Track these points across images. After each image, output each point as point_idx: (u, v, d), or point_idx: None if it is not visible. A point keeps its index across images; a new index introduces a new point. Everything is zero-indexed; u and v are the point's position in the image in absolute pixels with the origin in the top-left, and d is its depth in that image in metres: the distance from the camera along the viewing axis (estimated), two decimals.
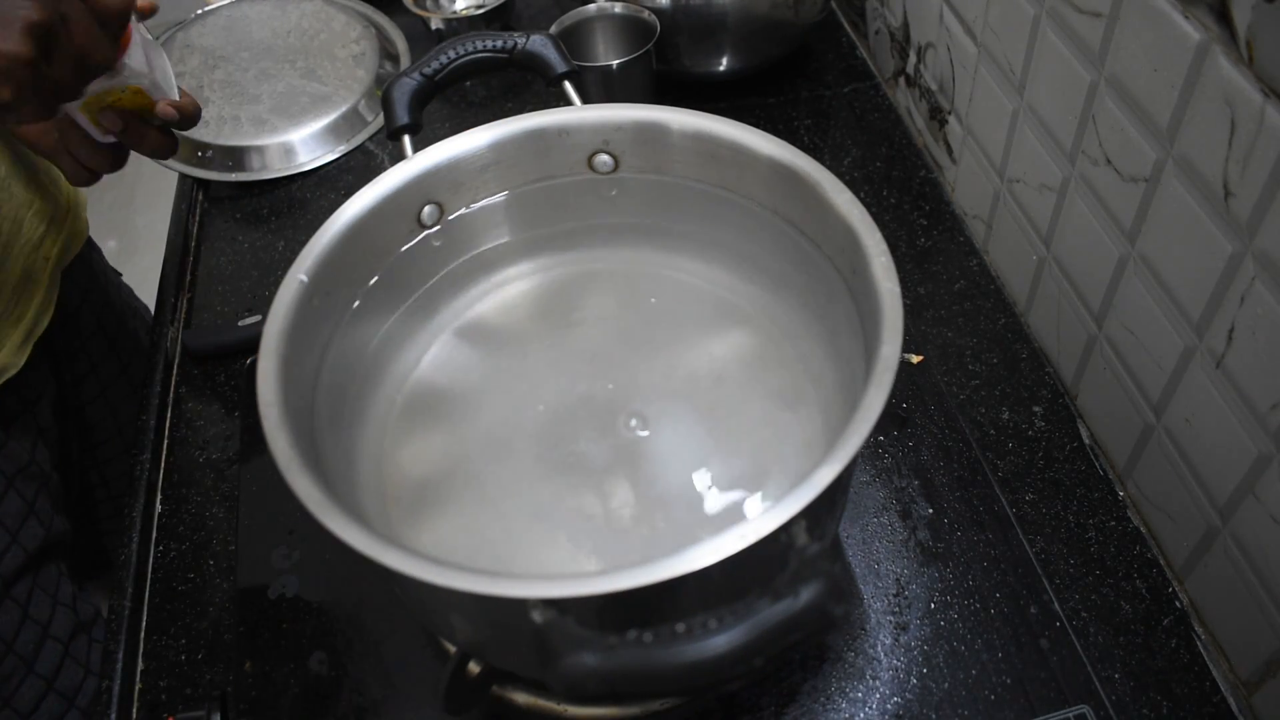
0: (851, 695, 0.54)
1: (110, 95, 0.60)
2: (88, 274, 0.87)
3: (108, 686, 0.58)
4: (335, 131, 0.91)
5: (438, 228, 0.58)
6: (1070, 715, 0.53)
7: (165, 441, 0.70)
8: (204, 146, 0.89)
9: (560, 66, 0.61)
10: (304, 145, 0.91)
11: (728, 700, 0.55)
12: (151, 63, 0.61)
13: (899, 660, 0.56)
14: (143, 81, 0.61)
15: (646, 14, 0.86)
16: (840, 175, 0.51)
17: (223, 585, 0.62)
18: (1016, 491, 0.63)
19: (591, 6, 0.88)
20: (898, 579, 0.59)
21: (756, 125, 0.53)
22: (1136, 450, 0.61)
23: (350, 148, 0.91)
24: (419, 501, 0.53)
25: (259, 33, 0.98)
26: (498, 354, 0.59)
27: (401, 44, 1.01)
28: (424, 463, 0.55)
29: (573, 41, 0.88)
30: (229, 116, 0.91)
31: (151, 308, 0.81)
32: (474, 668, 0.48)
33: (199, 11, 0.99)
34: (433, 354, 0.60)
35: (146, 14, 0.62)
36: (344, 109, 0.92)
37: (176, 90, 0.64)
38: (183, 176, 0.91)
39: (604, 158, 0.58)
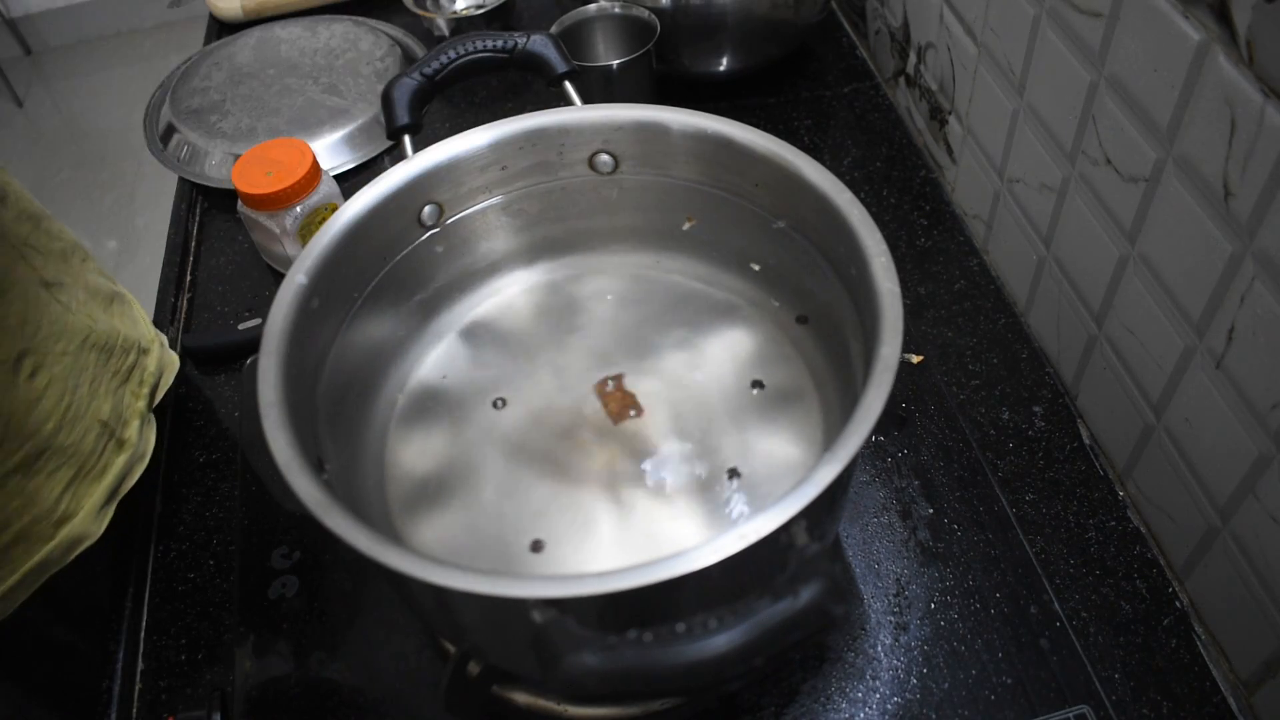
0: (851, 695, 0.54)
1: (319, 215, 0.75)
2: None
3: (108, 686, 0.58)
4: (351, 142, 0.91)
5: (438, 228, 0.58)
6: (1070, 715, 0.53)
7: (165, 441, 0.70)
8: (220, 155, 0.90)
9: (560, 66, 0.61)
10: (319, 155, 0.91)
11: (728, 700, 0.55)
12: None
13: (899, 660, 0.56)
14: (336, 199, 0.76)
15: (646, 14, 0.86)
16: (840, 175, 0.51)
17: (223, 585, 0.62)
18: (1016, 491, 0.63)
19: (591, 6, 0.88)
20: (898, 579, 0.59)
21: (756, 125, 0.53)
22: (1136, 450, 0.61)
23: (365, 158, 0.91)
24: (420, 501, 0.53)
25: (287, 52, 1.00)
26: (498, 354, 0.59)
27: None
28: (425, 462, 0.55)
29: (573, 41, 0.88)
30: (246, 128, 0.91)
31: (152, 308, 0.81)
32: (474, 668, 0.48)
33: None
34: (434, 354, 0.60)
35: None
36: (361, 121, 0.92)
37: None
38: (182, 179, 0.91)
39: (604, 158, 0.58)
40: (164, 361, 0.69)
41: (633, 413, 0.55)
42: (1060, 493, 0.63)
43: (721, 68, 0.91)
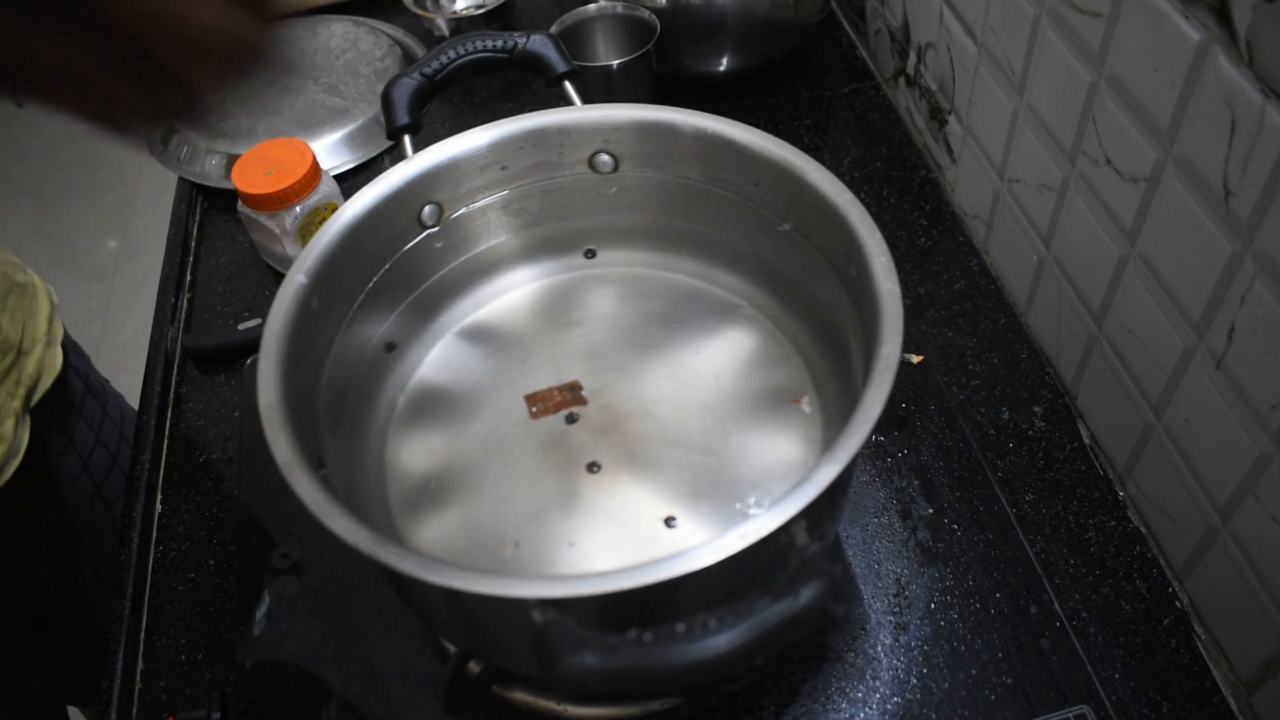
0: (851, 695, 0.54)
1: (319, 215, 0.74)
2: (64, 415, 0.77)
3: (108, 686, 0.58)
4: (351, 142, 0.91)
5: (438, 228, 0.58)
6: (1070, 715, 0.53)
7: (165, 441, 0.70)
8: (220, 154, 0.90)
9: (560, 66, 0.61)
10: (319, 155, 0.91)
11: (728, 700, 0.55)
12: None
13: (899, 660, 0.56)
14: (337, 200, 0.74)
15: (646, 14, 0.86)
16: (840, 175, 0.51)
17: (223, 585, 0.62)
18: (1016, 491, 0.63)
19: (591, 6, 0.88)
20: (898, 579, 0.59)
21: (756, 125, 0.53)
22: (1136, 450, 0.61)
23: (365, 158, 0.91)
24: (420, 501, 0.53)
25: (287, 52, 0.99)
26: (498, 353, 0.59)
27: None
28: (425, 462, 0.55)
29: (573, 41, 0.88)
30: (246, 128, 0.91)
31: (152, 308, 0.81)
32: (474, 668, 0.48)
33: None
34: (434, 354, 0.60)
35: None
36: (361, 121, 0.92)
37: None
38: (182, 179, 0.91)
39: (604, 157, 0.58)
40: (45, 364, 0.71)
41: (569, 412, 0.55)
42: (1060, 493, 0.63)
43: (721, 68, 0.91)
